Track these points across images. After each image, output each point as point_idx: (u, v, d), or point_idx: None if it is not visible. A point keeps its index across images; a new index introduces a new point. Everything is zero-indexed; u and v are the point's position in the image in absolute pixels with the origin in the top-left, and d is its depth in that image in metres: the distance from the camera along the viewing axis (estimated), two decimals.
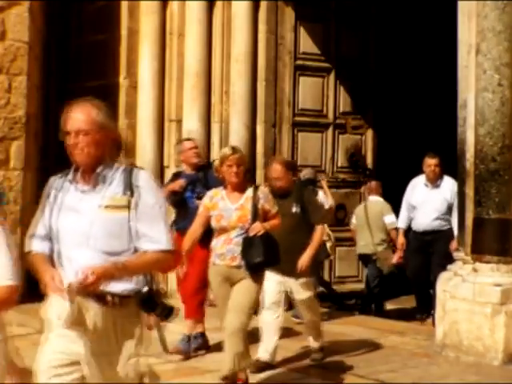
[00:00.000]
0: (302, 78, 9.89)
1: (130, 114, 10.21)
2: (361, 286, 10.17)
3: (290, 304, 8.48)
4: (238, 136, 9.48)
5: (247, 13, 9.50)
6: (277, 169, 6.33)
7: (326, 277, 9.95)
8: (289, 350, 7.12)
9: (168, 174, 9.04)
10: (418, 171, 8.51)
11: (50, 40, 10.67)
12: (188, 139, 7.67)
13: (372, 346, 7.29)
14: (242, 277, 5.34)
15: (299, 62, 9.85)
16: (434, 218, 8.27)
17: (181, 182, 6.97)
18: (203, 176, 6.88)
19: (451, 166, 7.50)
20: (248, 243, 5.32)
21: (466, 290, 6.72)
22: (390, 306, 9.77)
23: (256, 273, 5.37)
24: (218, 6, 9.77)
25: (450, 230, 8.13)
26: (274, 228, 5.53)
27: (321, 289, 9.80)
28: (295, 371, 6.33)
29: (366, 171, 10.31)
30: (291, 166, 6.61)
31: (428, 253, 8.34)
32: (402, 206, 8.65)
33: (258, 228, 5.35)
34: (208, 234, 5.62)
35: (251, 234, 5.33)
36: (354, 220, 9.51)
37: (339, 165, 10.19)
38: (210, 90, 9.78)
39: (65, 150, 3.31)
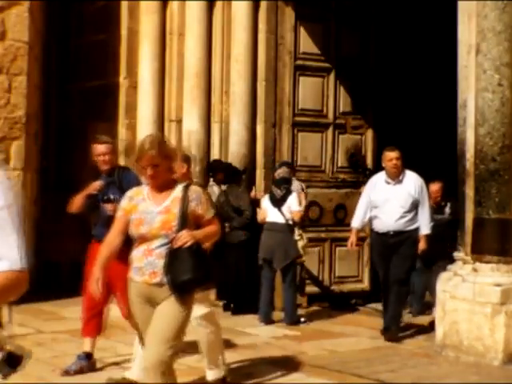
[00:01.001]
0: (301, 78, 9.87)
1: (130, 113, 10.22)
2: (361, 285, 10.17)
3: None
4: (237, 136, 9.49)
5: (247, 13, 9.50)
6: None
7: (326, 277, 9.95)
8: (287, 349, 7.12)
9: None
10: (418, 170, 8.47)
11: (50, 40, 10.68)
12: (101, 141, 6.41)
13: (372, 346, 7.29)
14: (166, 297, 4.29)
15: (299, 62, 9.84)
16: (399, 217, 7.60)
17: (98, 184, 6.24)
18: (117, 178, 6.19)
19: (451, 166, 7.50)
20: (173, 257, 4.27)
21: (465, 290, 6.73)
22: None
23: (182, 293, 4.30)
24: (218, 6, 9.77)
25: (416, 230, 7.67)
26: (210, 236, 4.53)
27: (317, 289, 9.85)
28: (295, 371, 6.34)
29: (365, 171, 10.30)
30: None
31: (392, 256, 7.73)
32: (359, 204, 8.08)
33: (184, 238, 4.28)
34: (127, 243, 4.57)
35: (176, 245, 4.28)
36: None
37: (339, 165, 10.18)
38: (210, 90, 9.78)
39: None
